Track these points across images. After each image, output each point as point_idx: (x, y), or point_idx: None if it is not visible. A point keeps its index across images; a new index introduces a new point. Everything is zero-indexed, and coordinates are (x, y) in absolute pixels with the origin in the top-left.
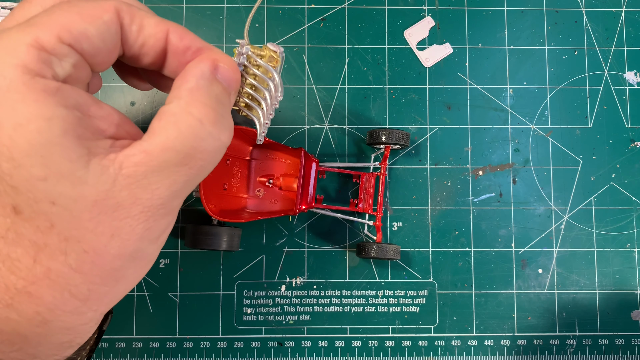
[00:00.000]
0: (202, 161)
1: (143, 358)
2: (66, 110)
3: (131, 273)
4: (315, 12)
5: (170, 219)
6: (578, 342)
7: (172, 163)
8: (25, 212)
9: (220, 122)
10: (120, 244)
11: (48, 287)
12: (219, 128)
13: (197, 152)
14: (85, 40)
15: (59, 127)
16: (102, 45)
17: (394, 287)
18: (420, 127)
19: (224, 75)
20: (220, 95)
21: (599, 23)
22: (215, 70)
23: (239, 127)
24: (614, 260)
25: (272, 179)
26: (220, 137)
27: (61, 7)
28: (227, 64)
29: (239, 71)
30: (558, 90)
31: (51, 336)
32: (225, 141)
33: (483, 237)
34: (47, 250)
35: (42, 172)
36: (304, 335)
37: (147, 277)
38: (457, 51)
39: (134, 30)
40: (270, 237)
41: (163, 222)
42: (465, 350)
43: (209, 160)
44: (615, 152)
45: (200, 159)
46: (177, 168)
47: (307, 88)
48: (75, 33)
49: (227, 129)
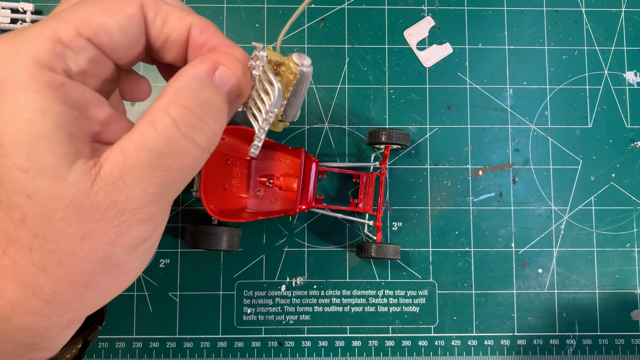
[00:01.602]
0: (178, 163)
1: (143, 358)
2: (64, 107)
3: (103, 281)
4: (315, 12)
5: (149, 228)
6: (578, 342)
7: (146, 163)
8: (3, 202)
9: (199, 127)
10: (90, 247)
11: (12, 281)
12: (196, 132)
13: (171, 153)
14: (104, 34)
15: (52, 122)
16: (123, 39)
17: (394, 287)
18: (420, 127)
19: (223, 79)
20: (210, 100)
21: (599, 23)
22: (212, 72)
23: (238, 127)
24: (614, 260)
25: (272, 179)
26: (196, 141)
27: (85, 1)
28: (231, 68)
29: (244, 77)
30: (558, 90)
31: (12, 335)
32: (204, 146)
33: (483, 237)
34: (17, 244)
35: (25, 164)
36: (304, 335)
37: (147, 277)
38: (457, 51)
39: (158, 24)
40: (270, 237)
41: (140, 230)
42: (465, 350)
43: (186, 164)
44: (615, 152)
45: (175, 161)
46: (152, 169)
47: (307, 88)
48: (94, 26)
49: (207, 134)
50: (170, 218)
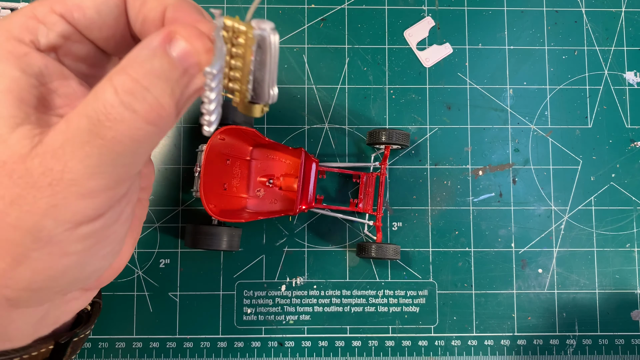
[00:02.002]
0: (114, 132)
1: (143, 358)
2: (21, 74)
3: (36, 258)
4: (315, 12)
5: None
6: (578, 342)
7: (84, 130)
8: None
9: (140, 95)
10: (18, 214)
11: None
12: (136, 100)
13: (107, 121)
14: (77, 10)
15: (4, 85)
16: (97, 17)
17: (394, 287)
18: (420, 127)
19: (178, 49)
20: (158, 69)
21: (599, 23)
22: (165, 42)
23: (238, 127)
24: (613, 260)
25: (272, 179)
26: (134, 109)
27: None
28: (187, 38)
29: (202, 47)
30: (558, 90)
31: None
32: (143, 115)
33: (483, 237)
34: None
35: None
36: (304, 335)
37: (147, 277)
38: (457, 51)
39: (137, 4)
40: (270, 237)
41: (78, 205)
42: (465, 350)
43: (124, 133)
44: (615, 152)
45: (110, 129)
46: (90, 137)
47: (307, 88)
48: (69, 4)
49: (149, 103)
50: (170, 218)
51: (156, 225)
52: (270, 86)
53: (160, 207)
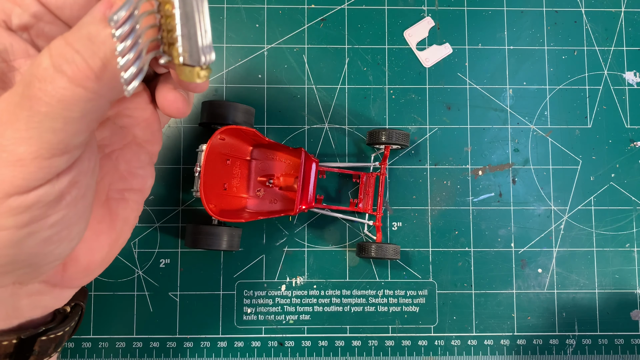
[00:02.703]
0: (41, 92)
1: (143, 358)
2: None
3: None
4: (315, 12)
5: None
6: (578, 342)
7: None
8: None
9: (70, 57)
10: None
11: None
12: (65, 61)
13: (36, 81)
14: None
15: None
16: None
17: (394, 287)
18: (420, 127)
19: None
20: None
21: (599, 23)
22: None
23: (238, 127)
24: (613, 260)
25: (272, 179)
26: (62, 69)
27: None
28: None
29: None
30: (558, 91)
31: None
32: (70, 75)
33: (483, 237)
34: None
35: None
36: (304, 335)
37: (147, 277)
38: (457, 51)
39: None
40: (270, 237)
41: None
42: (465, 350)
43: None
44: (614, 152)
45: (38, 89)
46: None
47: (307, 88)
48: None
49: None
50: (170, 218)
51: (156, 225)
52: (203, 43)
53: (160, 207)
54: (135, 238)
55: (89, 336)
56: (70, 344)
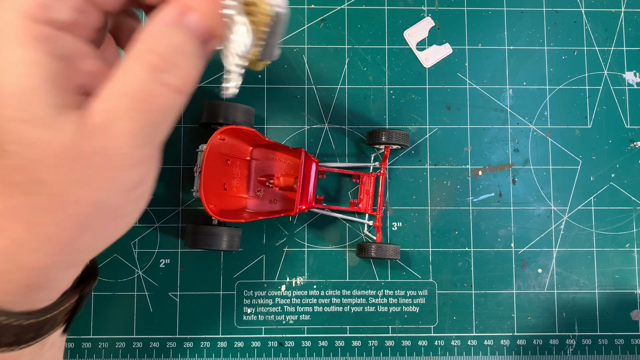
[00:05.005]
0: (156, 106)
1: (143, 358)
2: (51, 59)
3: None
4: (315, 12)
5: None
6: (578, 342)
7: (129, 108)
8: (4, 150)
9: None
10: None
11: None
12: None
13: (148, 97)
14: None
15: (39, 74)
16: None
17: (394, 287)
18: (420, 127)
19: (194, 23)
20: (181, 44)
21: (599, 23)
22: (182, 16)
23: (238, 128)
24: (613, 260)
25: (272, 179)
26: (170, 84)
27: None
28: (202, 10)
29: (216, 19)
30: (557, 91)
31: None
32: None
33: (483, 237)
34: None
35: (15, 114)
36: (304, 335)
37: (147, 277)
38: (457, 51)
39: None
40: (270, 237)
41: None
42: (465, 350)
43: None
44: (614, 152)
45: (152, 104)
46: (134, 114)
47: (307, 88)
48: None
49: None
50: (170, 218)
51: (156, 225)
52: (278, 48)
53: (160, 207)
54: (135, 238)
55: (89, 336)
56: (70, 344)
